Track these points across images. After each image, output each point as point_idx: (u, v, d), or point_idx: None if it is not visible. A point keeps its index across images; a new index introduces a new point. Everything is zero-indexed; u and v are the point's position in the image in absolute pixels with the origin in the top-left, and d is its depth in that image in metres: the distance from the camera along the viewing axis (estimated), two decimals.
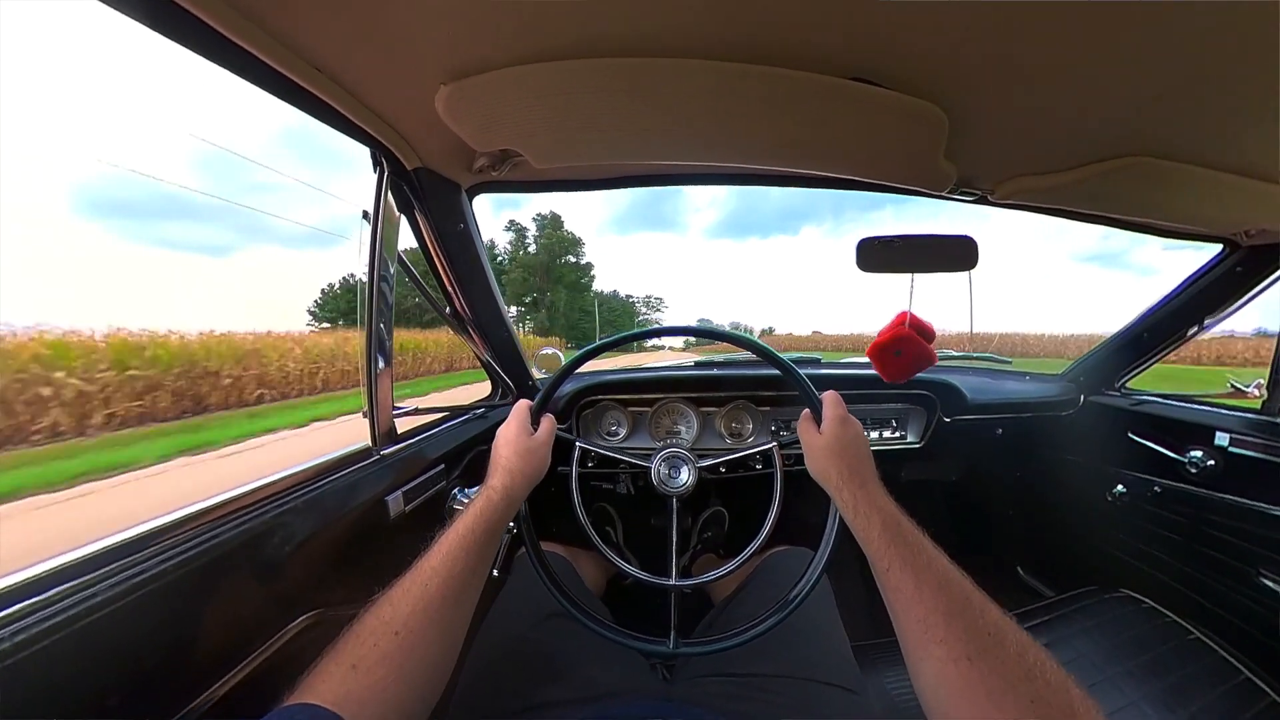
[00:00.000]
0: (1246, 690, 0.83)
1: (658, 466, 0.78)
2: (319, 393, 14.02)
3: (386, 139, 0.64)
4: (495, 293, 0.97)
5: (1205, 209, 0.86)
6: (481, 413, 1.04)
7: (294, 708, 0.32)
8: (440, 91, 0.54)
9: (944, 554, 0.44)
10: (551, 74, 0.51)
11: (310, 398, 13.55)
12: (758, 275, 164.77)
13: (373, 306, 0.71)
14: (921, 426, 1.27)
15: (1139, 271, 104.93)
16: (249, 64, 0.46)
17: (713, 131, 0.62)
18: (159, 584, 0.43)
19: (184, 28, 0.41)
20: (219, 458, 7.65)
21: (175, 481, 6.78)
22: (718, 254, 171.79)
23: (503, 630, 0.69)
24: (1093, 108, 0.58)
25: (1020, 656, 0.34)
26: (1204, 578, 1.06)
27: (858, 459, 0.56)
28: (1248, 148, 0.65)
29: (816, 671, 0.62)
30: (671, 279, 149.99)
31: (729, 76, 0.51)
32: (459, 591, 0.46)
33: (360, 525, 0.66)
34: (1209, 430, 1.04)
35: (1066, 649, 0.90)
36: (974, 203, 0.88)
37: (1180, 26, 0.44)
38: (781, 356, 0.69)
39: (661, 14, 0.45)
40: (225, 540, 0.49)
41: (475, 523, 0.50)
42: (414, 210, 0.78)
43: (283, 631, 0.55)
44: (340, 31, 0.46)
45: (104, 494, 6.40)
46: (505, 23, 0.46)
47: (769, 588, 0.63)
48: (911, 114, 0.58)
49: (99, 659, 0.39)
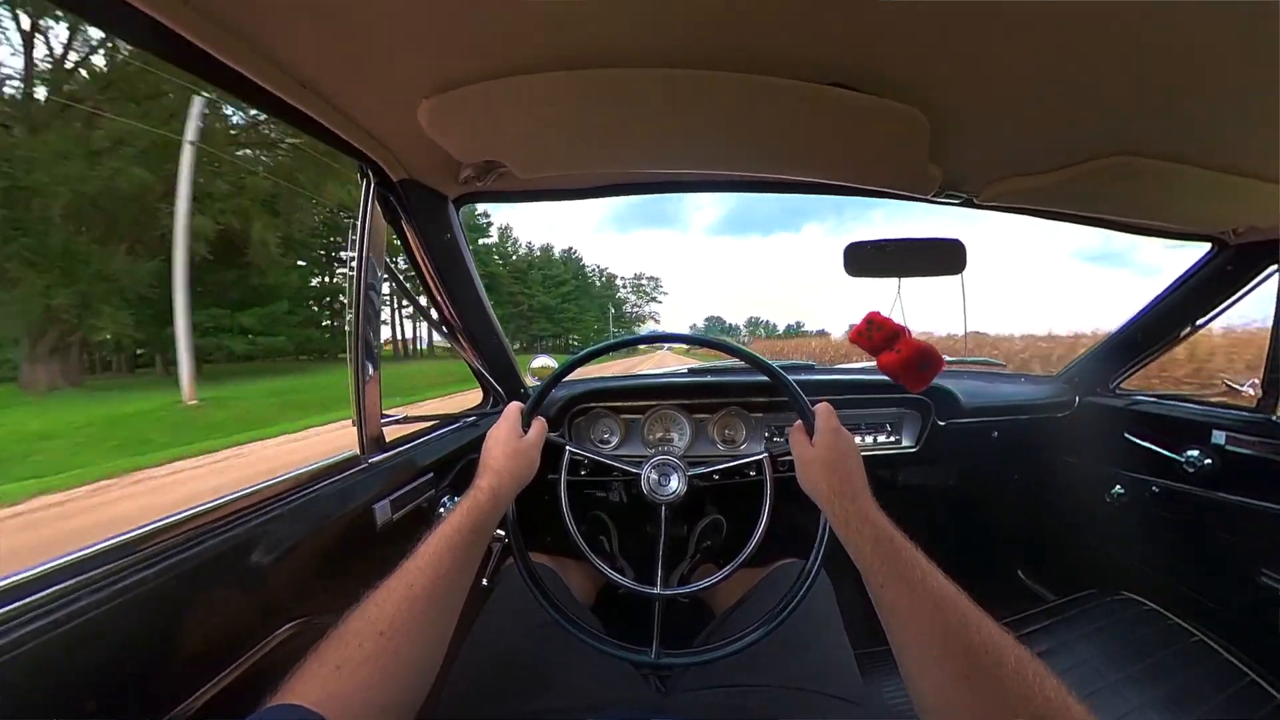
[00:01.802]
0: (1252, 693, 0.82)
1: (648, 474, 0.78)
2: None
3: (372, 152, 0.65)
4: (484, 301, 0.97)
5: (1193, 208, 0.86)
6: (472, 421, 1.04)
7: (278, 708, 0.32)
8: (423, 105, 0.54)
9: (938, 569, 0.43)
10: (533, 86, 0.51)
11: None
12: (765, 272, 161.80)
13: (359, 314, 0.71)
14: (916, 431, 1.27)
15: (1140, 270, 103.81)
16: (234, 80, 0.47)
17: (695, 139, 0.63)
18: (140, 591, 0.43)
19: (169, 46, 0.42)
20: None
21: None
22: (721, 250, 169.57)
23: (491, 640, 0.68)
24: (1077, 108, 0.58)
25: (1019, 674, 0.34)
26: (1205, 578, 1.05)
27: (849, 472, 0.55)
28: (1235, 145, 0.65)
29: (816, 682, 0.62)
30: (674, 274, 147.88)
31: (708, 85, 0.52)
32: (445, 592, 0.46)
33: (347, 534, 0.66)
34: (1205, 429, 1.04)
35: (1068, 654, 0.89)
36: (960, 205, 0.88)
37: (1163, 24, 0.44)
38: (773, 365, 0.69)
39: (640, 25, 0.45)
40: (209, 548, 0.49)
41: (462, 523, 0.50)
42: (401, 221, 0.78)
43: (266, 640, 0.54)
44: (323, 47, 0.47)
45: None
46: (486, 36, 0.46)
47: (770, 600, 0.63)
48: (892, 118, 0.58)
49: (78, 665, 0.38)
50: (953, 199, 0.86)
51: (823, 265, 34.12)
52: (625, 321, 69.20)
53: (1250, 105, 0.56)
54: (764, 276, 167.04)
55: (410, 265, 0.89)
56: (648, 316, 74.24)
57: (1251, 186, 0.74)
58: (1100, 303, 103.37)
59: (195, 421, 8.01)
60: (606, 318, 60.81)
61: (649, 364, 9.51)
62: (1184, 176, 0.72)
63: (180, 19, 0.39)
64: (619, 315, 68.37)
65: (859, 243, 0.90)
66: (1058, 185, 0.76)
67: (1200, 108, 0.57)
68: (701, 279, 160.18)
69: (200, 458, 5.92)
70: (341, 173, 12.74)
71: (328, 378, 13.20)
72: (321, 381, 12.32)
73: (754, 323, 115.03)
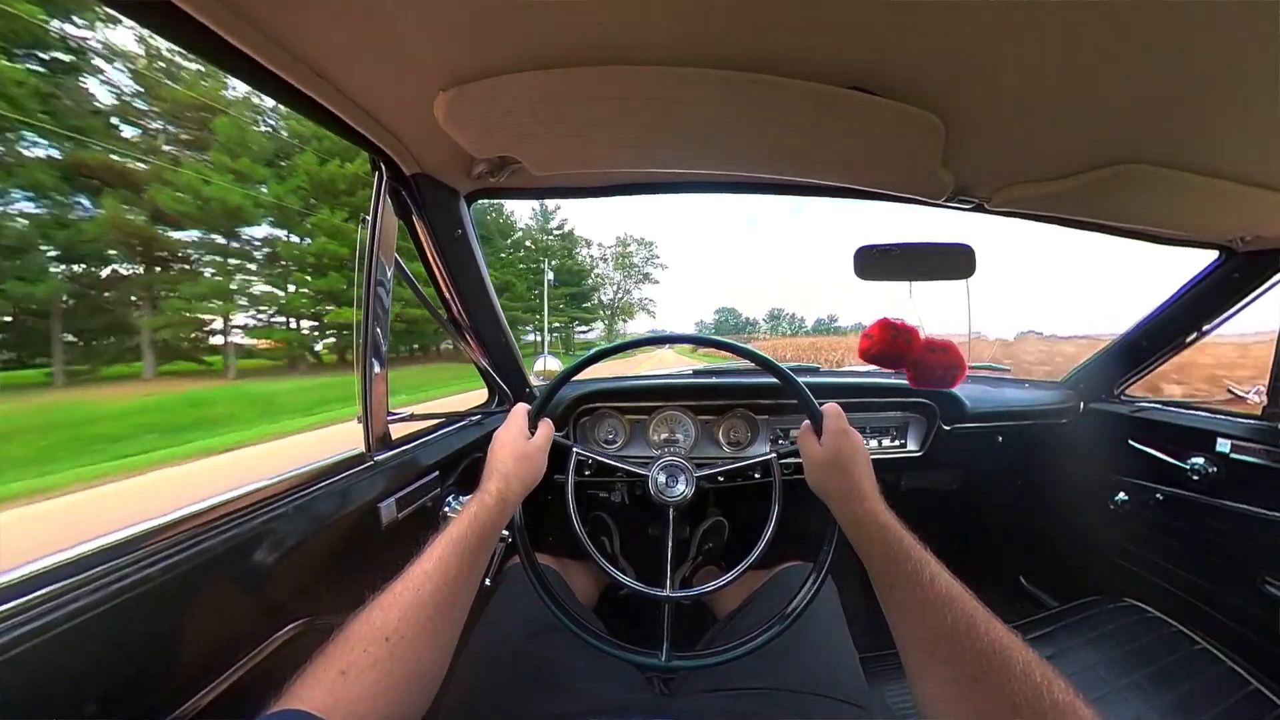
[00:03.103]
0: (1256, 701, 0.81)
1: (655, 475, 0.78)
2: None
3: (386, 144, 0.64)
4: (493, 299, 0.97)
5: (1201, 216, 0.86)
6: (478, 419, 1.04)
7: (282, 713, 0.32)
8: (440, 97, 0.54)
9: (946, 570, 0.43)
10: (550, 81, 0.51)
11: None
12: (792, 253, 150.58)
13: (369, 310, 0.71)
14: (921, 435, 1.27)
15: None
16: (250, 68, 0.47)
17: (711, 140, 0.63)
18: (142, 590, 0.42)
19: (187, 32, 0.41)
20: None
21: None
22: (737, 228, 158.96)
23: (494, 641, 0.68)
24: (1089, 115, 0.58)
25: (1026, 675, 0.34)
26: (1209, 585, 1.05)
27: (858, 473, 0.55)
28: (1244, 154, 0.65)
29: (821, 686, 0.61)
30: (680, 254, 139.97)
31: (728, 85, 0.51)
32: (451, 597, 0.45)
33: (352, 532, 0.65)
34: (1210, 436, 1.04)
35: (1072, 661, 0.89)
36: (970, 210, 0.88)
37: (1176, 33, 0.44)
38: (781, 366, 0.69)
39: (661, 22, 0.45)
40: (211, 546, 0.48)
41: (469, 527, 0.50)
42: (412, 216, 0.78)
43: (270, 639, 0.54)
44: (341, 37, 0.46)
45: None
46: (504, 29, 0.46)
47: (775, 602, 0.63)
48: (909, 123, 0.58)
49: (78, 666, 0.38)
50: (964, 204, 0.86)
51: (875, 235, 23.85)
52: (596, 313, 49.44)
53: (1260, 114, 0.56)
54: (790, 258, 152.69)
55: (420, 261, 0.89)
56: (638, 306, 54.15)
57: (1260, 195, 0.74)
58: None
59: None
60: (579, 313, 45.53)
61: (649, 364, 9.62)
62: (1193, 185, 0.72)
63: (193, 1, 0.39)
64: (601, 304, 50.76)
65: (868, 246, 0.90)
66: (1068, 192, 0.76)
67: (1210, 117, 0.57)
68: (712, 261, 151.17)
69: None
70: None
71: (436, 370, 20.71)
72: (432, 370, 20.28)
73: (775, 316, 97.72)
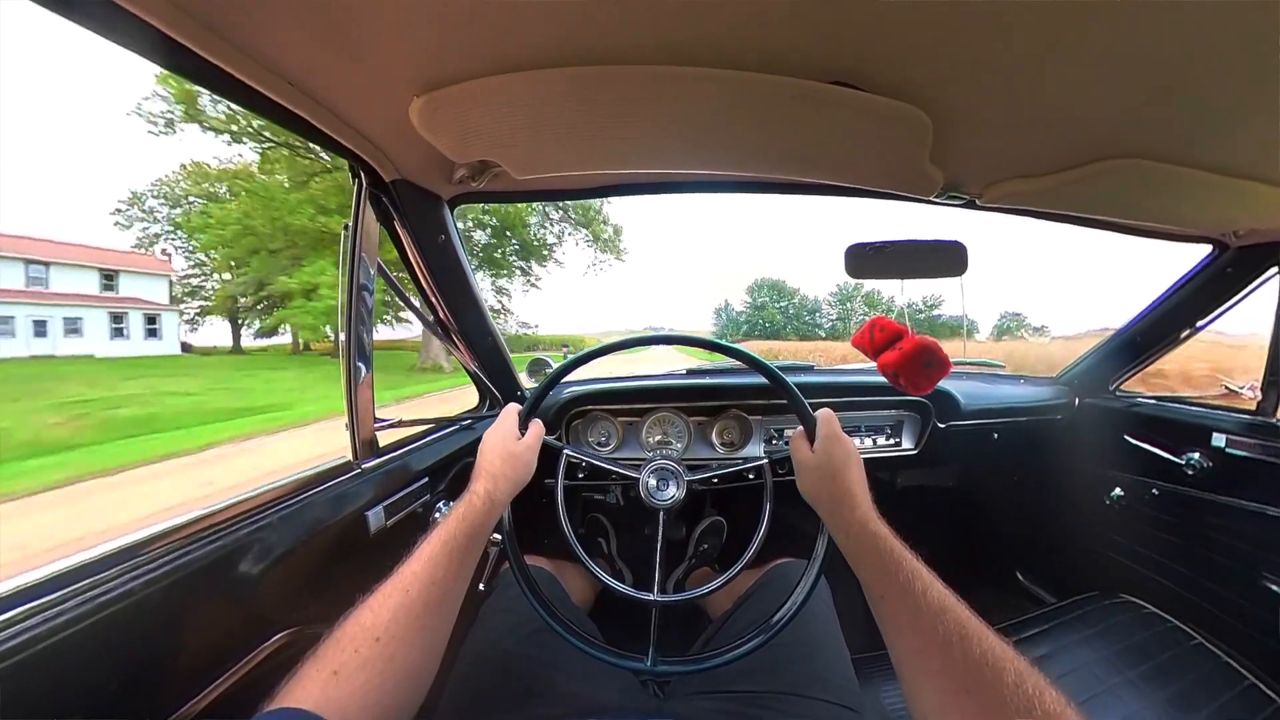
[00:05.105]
0: (1252, 697, 0.81)
1: (645, 479, 0.77)
2: None
3: (363, 151, 0.64)
4: (480, 301, 0.96)
5: (1194, 210, 0.86)
6: (468, 424, 1.03)
7: (278, 712, 0.32)
8: (414, 103, 0.53)
9: (938, 580, 0.43)
10: (526, 84, 0.50)
11: None
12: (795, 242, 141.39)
13: (352, 314, 0.70)
14: (916, 433, 1.26)
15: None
16: (222, 80, 0.46)
17: (694, 138, 0.62)
18: (129, 601, 0.42)
19: (155, 45, 0.41)
20: None
21: None
22: (734, 217, 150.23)
23: (487, 645, 0.67)
24: (1079, 110, 0.58)
25: (1019, 686, 0.33)
26: (1205, 581, 1.05)
27: (851, 481, 0.54)
28: (1237, 148, 0.65)
29: (815, 689, 0.61)
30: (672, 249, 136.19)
31: (708, 82, 0.51)
32: (440, 597, 0.45)
33: (339, 541, 0.65)
34: (1205, 432, 1.03)
35: (1068, 658, 0.88)
36: (962, 207, 0.87)
37: (1166, 27, 0.43)
38: (773, 368, 0.68)
39: (637, 21, 0.44)
40: (197, 558, 0.48)
41: (457, 528, 0.50)
42: (394, 222, 0.77)
43: (258, 650, 0.54)
44: (311, 45, 0.45)
45: None
46: (477, 33, 0.45)
47: (769, 604, 0.62)
48: (895, 118, 0.57)
49: (64, 677, 0.38)
50: (954, 200, 0.85)
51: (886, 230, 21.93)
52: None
53: (1251, 108, 0.55)
54: (793, 247, 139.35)
55: (403, 266, 0.88)
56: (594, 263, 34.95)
57: (1253, 189, 0.74)
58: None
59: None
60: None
61: (642, 362, 9.73)
62: (1186, 179, 0.71)
63: (164, 17, 0.39)
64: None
65: (860, 244, 0.89)
66: (1060, 187, 0.75)
67: (1202, 110, 0.57)
68: (707, 251, 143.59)
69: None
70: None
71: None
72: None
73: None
